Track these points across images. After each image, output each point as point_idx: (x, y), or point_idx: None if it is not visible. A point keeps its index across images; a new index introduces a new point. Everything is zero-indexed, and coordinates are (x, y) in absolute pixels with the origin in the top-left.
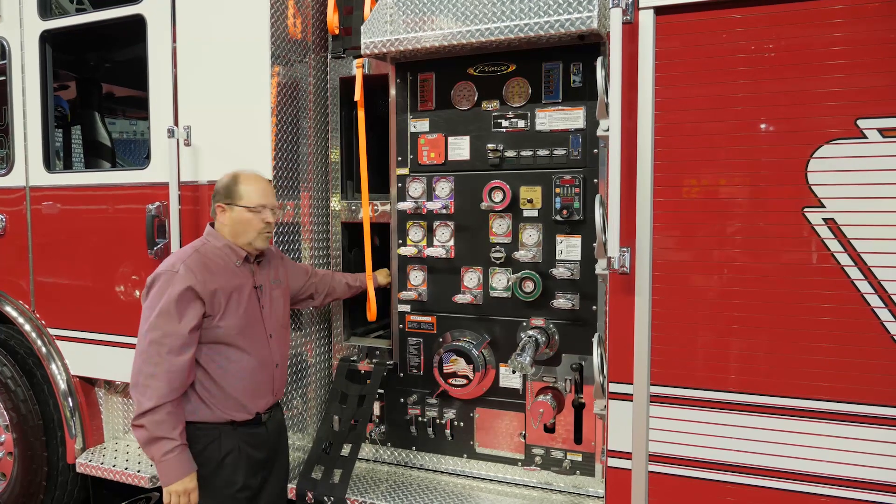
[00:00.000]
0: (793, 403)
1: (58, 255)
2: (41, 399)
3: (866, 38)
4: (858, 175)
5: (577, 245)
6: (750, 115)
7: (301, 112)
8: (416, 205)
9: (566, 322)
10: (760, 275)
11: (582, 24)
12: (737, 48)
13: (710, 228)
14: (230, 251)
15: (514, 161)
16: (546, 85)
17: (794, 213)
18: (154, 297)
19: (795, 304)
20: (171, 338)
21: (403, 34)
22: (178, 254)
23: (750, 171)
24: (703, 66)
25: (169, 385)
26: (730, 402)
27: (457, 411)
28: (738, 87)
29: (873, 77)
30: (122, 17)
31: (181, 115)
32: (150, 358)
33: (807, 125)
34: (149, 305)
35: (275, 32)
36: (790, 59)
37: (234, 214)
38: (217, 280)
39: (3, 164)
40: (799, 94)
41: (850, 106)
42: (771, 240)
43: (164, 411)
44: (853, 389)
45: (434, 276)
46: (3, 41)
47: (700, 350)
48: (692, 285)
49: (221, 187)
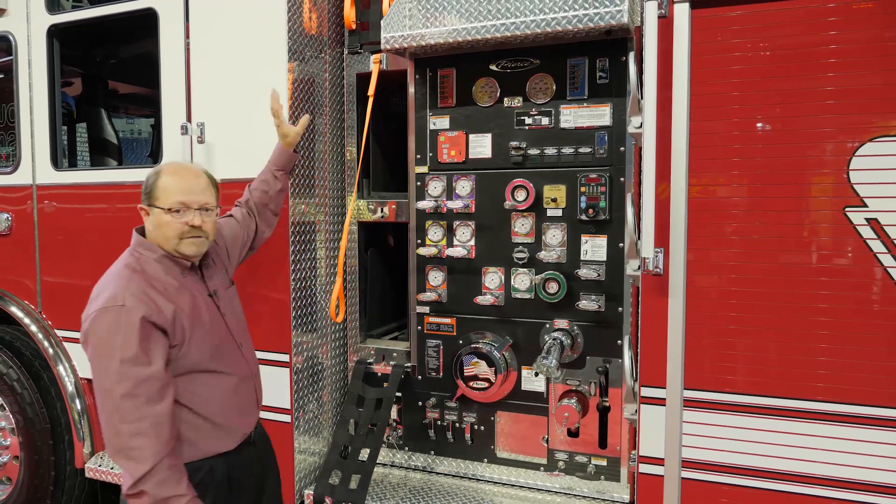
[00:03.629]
0: (832, 408)
1: (65, 254)
2: (48, 402)
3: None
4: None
5: (603, 245)
6: (789, 113)
7: (317, 109)
8: (435, 204)
9: (591, 324)
10: (799, 276)
11: (612, 18)
12: (776, 44)
13: (747, 228)
14: (170, 262)
15: (538, 159)
16: (571, 81)
17: (836, 213)
18: (104, 342)
19: (836, 307)
20: (146, 384)
21: (423, 29)
22: (111, 280)
23: (789, 170)
24: (740, 61)
25: (159, 438)
26: (767, 406)
27: (477, 415)
28: (776, 83)
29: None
30: (134, 11)
31: (194, 111)
32: (127, 415)
33: (849, 122)
34: (101, 354)
35: (291, 27)
36: (831, 55)
37: (152, 218)
38: (169, 301)
39: (9, 161)
40: (841, 91)
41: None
42: (811, 240)
43: (164, 467)
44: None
45: (454, 276)
46: (10, 35)
47: (736, 353)
48: (727, 287)
49: (143, 186)
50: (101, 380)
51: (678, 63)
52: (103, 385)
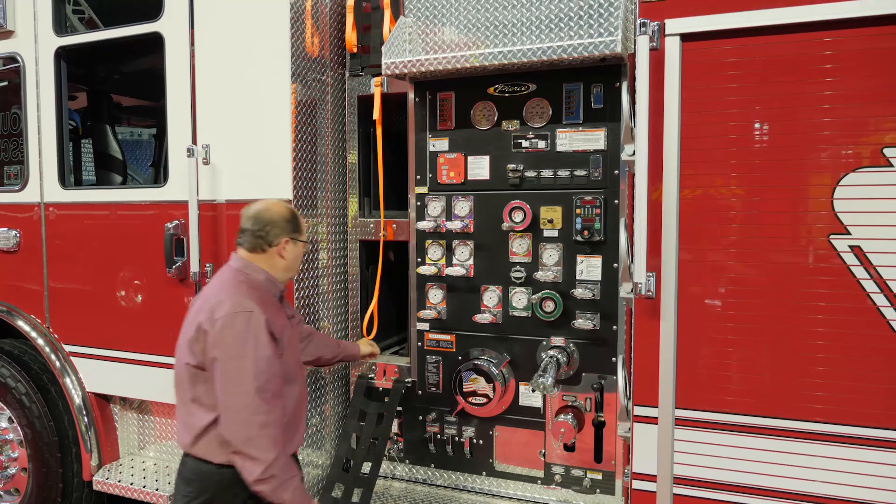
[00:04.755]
0: (818, 428)
1: (72, 271)
2: (56, 415)
3: (893, 69)
4: (884, 203)
5: (598, 265)
6: (776, 143)
7: (319, 130)
8: (435, 224)
9: (586, 342)
10: (787, 301)
11: (605, 47)
12: (762, 76)
13: (736, 254)
14: (271, 284)
15: (535, 181)
16: (567, 106)
17: (821, 240)
18: (238, 342)
19: (822, 330)
20: (273, 382)
21: (423, 55)
22: (230, 291)
23: (776, 198)
24: (729, 93)
25: (279, 428)
26: (757, 426)
27: (476, 429)
28: (763, 114)
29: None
30: (140, 35)
31: (200, 133)
32: (258, 408)
33: (833, 153)
34: (235, 354)
35: (294, 51)
36: (816, 89)
37: (296, 249)
38: (274, 317)
39: (17, 179)
40: (825, 122)
41: (876, 135)
42: (798, 266)
43: (283, 453)
44: (881, 415)
45: (453, 294)
46: (18, 56)
47: (726, 374)
48: (717, 310)
49: (283, 220)
50: (234, 377)
51: (669, 93)
52: (237, 381)
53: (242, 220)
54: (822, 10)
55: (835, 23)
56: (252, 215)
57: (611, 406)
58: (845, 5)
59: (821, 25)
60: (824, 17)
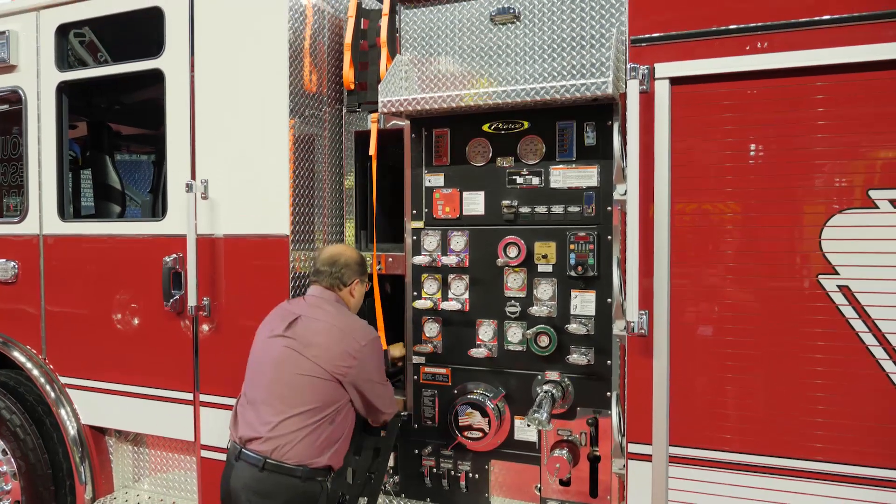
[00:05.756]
0: (808, 466)
1: (70, 303)
2: (50, 448)
3: (878, 112)
4: (871, 244)
5: (592, 300)
6: (764, 184)
7: (317, 165)
8: (431, 258)
9: (581, 376)
10: (779, 340)
11: (597, 88)
12: (750, 119)
13: (730, 293)
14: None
15: (529, 217)
16: (560, 143)
17: (810, 280)
18: (381, 356)
19: (815, 369)
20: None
21: (419, 93)
22: (358, 319)
23: (766, 238)
24: (718, 135)
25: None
26: (751, 464)
27: (472, 463)
28: (752, 156)
29: (885, 150)
30: (141, 71)
31: (198, 168)
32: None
33: (820, 195)
34: (382, 366)
35: (293, 89)
36: (803, 131)
37: (362, 289)
38: None
39: (16, 211)
40: (812, 164)
41: (862, 177)
42: (789, 306)
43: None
44: (872, 453)
45: (449, 328)
46: (20, 91)
47: (720, 412)
48: (710, 348)
49: (356, 263)
50: (379, 378)
51: (659, 135)
52: (379, 379)
53: (318, 262)
54: (807, 56)
55: (821, 68)
56: (327, 259)
57: (606, 440)
58: (828, 52)
59: (809, 70)
60: (810, 62)
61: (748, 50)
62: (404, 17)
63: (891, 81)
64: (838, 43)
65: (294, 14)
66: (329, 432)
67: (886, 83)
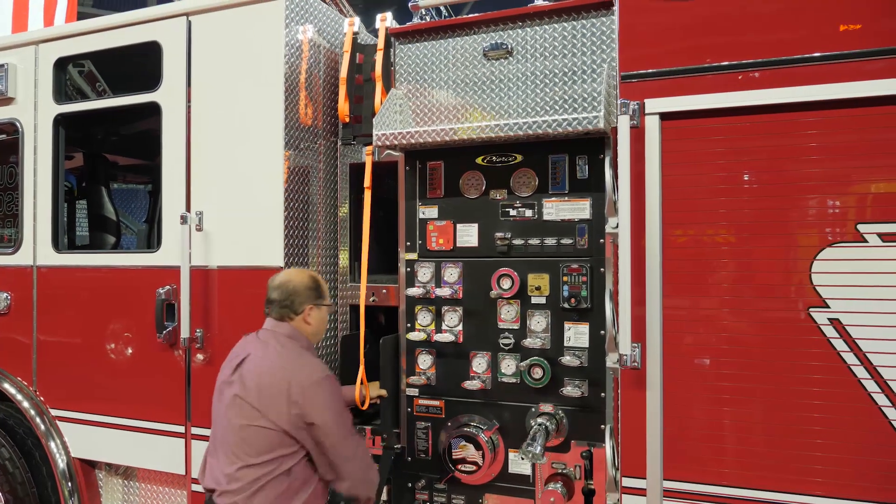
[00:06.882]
0: (798, 500)
1: (63, 334)
2: (39, 481)
3: (866, 147)
4: (860, 277)
5: (585, 333)
6: (754, 217)
7: (311, 197)
8: (424, 290)
9: (575, 409)
10: (772, 373)
11: (589, 123)
12: (740, 153)
13: (720, 325)
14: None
15: (522, 249)
16: (553, 176)
17: (801, 313)
18: (334, 398)
19: (807, 402)
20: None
21: (413, 127)
22: (308, 356)
23: (756, 271)
24: (708, 169)
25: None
26: (744, 498)
27: (465, 497)
28: (741, 190)
29: (873, 185)
30: (138, 104)
31: (193, 200)
32: (366, 451)
33: (810, 229)
34: (339, 410)
35: (288, 122)
36: (793, 165)
37: (321, 314)
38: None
39: (10, 242)
40: (802, 199)
41: (851, 211)
42: (780, 338)
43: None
44: (864, 487)
45: (442, 360)
46: (17, 123)
47: (714, 446)
48: (703, 381)
49: (306, 288)
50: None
51: (650, 168)
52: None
53: (269, 290)
54: (795, 93)
55: (809, 104)
56: (275, 287)
57: (601, 473)
58: (813, 89)
59: (798, 106)
60: (798, 98)
61: (738, 84)
62: (399, 52)
63: (878, 117)
64: (826, 80)
65: (290, 49)
66: (288, 483)
67: (874, 119)
